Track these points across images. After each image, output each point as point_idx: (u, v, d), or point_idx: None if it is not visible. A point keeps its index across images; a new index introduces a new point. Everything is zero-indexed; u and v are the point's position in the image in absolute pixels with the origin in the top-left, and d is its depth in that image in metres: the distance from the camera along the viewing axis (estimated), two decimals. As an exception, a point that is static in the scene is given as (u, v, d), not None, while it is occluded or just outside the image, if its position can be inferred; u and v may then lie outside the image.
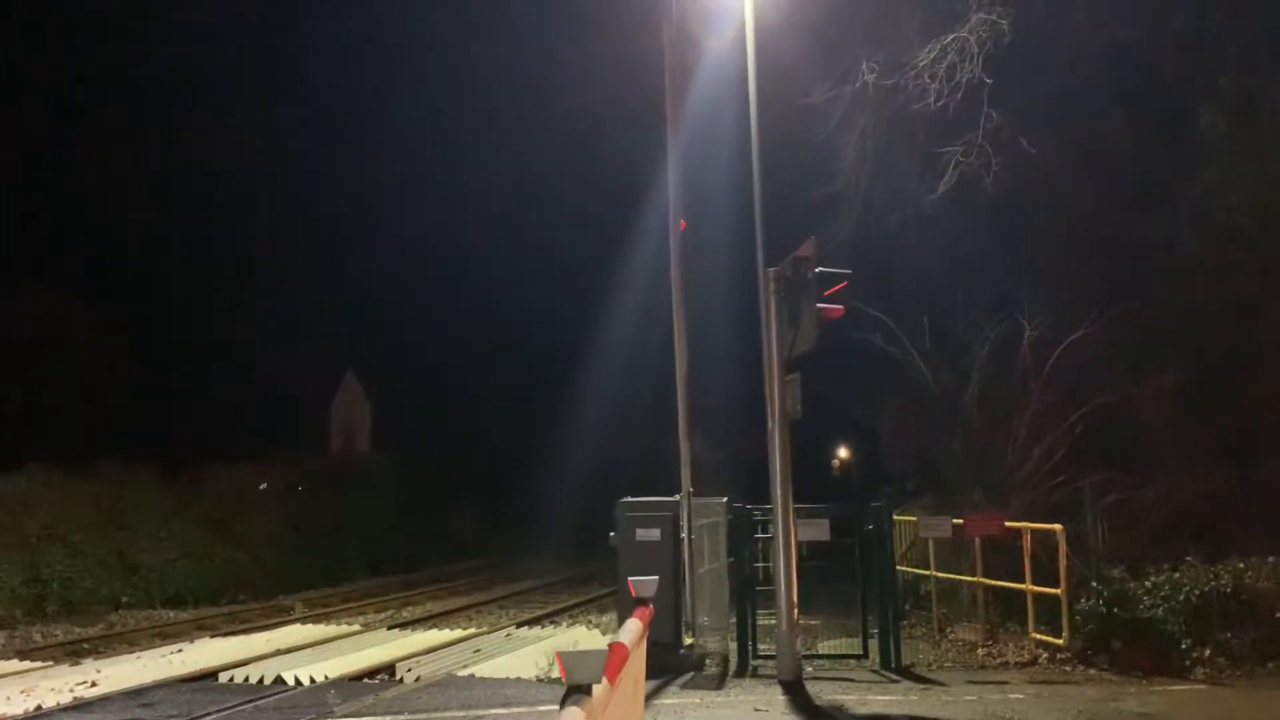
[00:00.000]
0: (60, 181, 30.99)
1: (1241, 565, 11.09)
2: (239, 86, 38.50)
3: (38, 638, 15.68)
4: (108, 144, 32.74)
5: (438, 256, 44.81)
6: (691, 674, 10.71)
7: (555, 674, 10.22)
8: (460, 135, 52.94)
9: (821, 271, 10.50)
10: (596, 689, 2.57)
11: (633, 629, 3.78)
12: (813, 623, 12.99)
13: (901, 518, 14.47)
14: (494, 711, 8.93)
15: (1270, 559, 11.21)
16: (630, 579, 4.70)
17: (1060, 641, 11.07)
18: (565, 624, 16.79)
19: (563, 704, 2.44)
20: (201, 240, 35.90)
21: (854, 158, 16.17)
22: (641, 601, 4.34)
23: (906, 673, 10.81)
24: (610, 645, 3.30)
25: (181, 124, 35.04)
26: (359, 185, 42.24)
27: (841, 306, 10.63)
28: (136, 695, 10.32)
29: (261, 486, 26.09)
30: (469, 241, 46.04)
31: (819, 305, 10.43)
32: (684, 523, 11.16)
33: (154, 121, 34.53)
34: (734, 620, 11.68)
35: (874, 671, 10.92)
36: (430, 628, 16.26)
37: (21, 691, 10.48)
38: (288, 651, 13.20)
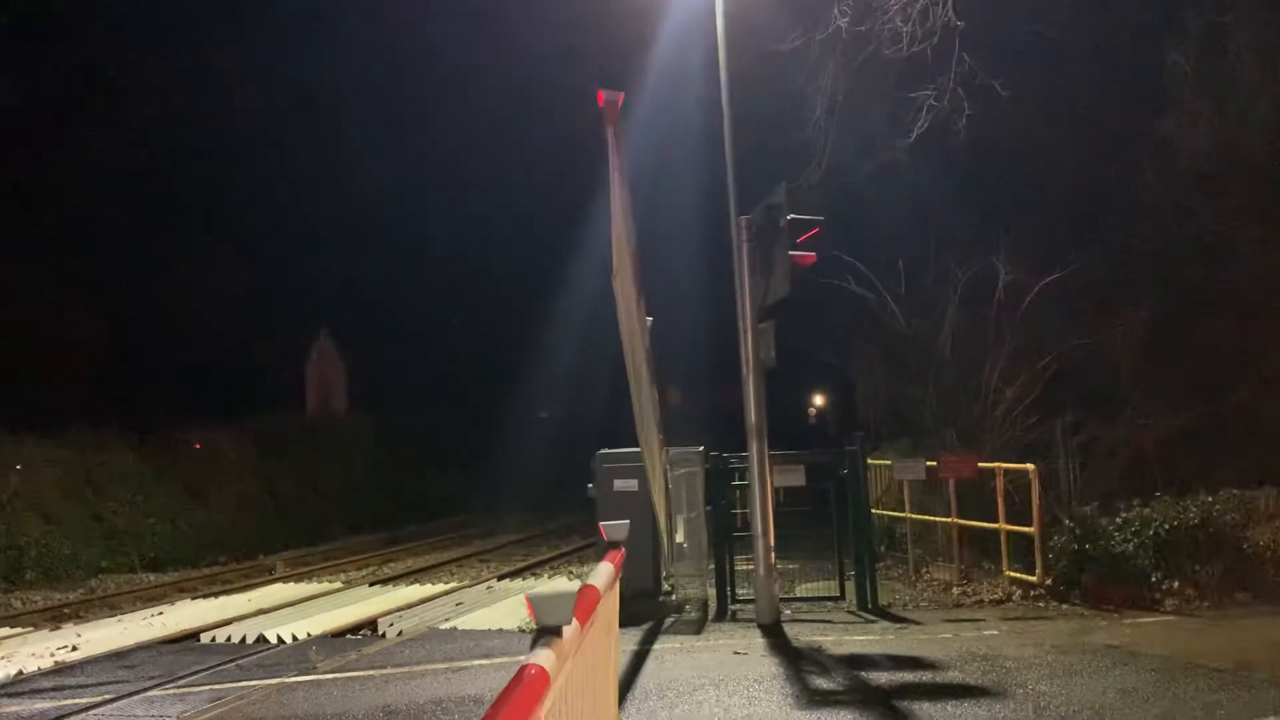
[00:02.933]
0: (23, 143, 30.28)
1: (1210, 499, 11.29)
2: (200, 50, 37.74)
3: (16, 604, 15.64)
4: (71, 107, 31.98)
5: (405, 216, 44.44)
6: (671, 620, 10.84)
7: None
8: (424, 86, 52.14)
9: (794, 218, 10.43)
10: (567, 630, 2.58)
11: (605, 572, 3.80)
12: (790, 567, 13.12)
13: (876, 462, 14.61)
14: (477, 663, 9.00)
15: (1237, 491, 11.43)
16: (601, 523, 4.72)
17: (1034, 579, 11.26)
18: (546, 575, 16.92)
19: (533, 645, 2.45)
20: (169, 201, 35.21)
21: (826, 104, 16.06)
22: (614, 545, 4.37)
23: (883, 613, 10.97)
24: (581, 587, 3.31)
25: (145, 86, 34.22)
26: (326, 144, 41.62)
27: (814, 253, 10.58)
28: (118, 657, 10.33)
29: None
30: (436, 200, 45.63)
31: (792, 252, 10.39)
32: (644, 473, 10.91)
33: (117, 84, 33.70)
34: (712, 567, 11.80)
35: (851, 613, 11.08)
36: (412, 583, 16.33)
37: (1, 658, 10.47)
38: (269, 611, 13.22)
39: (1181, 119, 14.13)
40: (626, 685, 7.60)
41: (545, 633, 2.50)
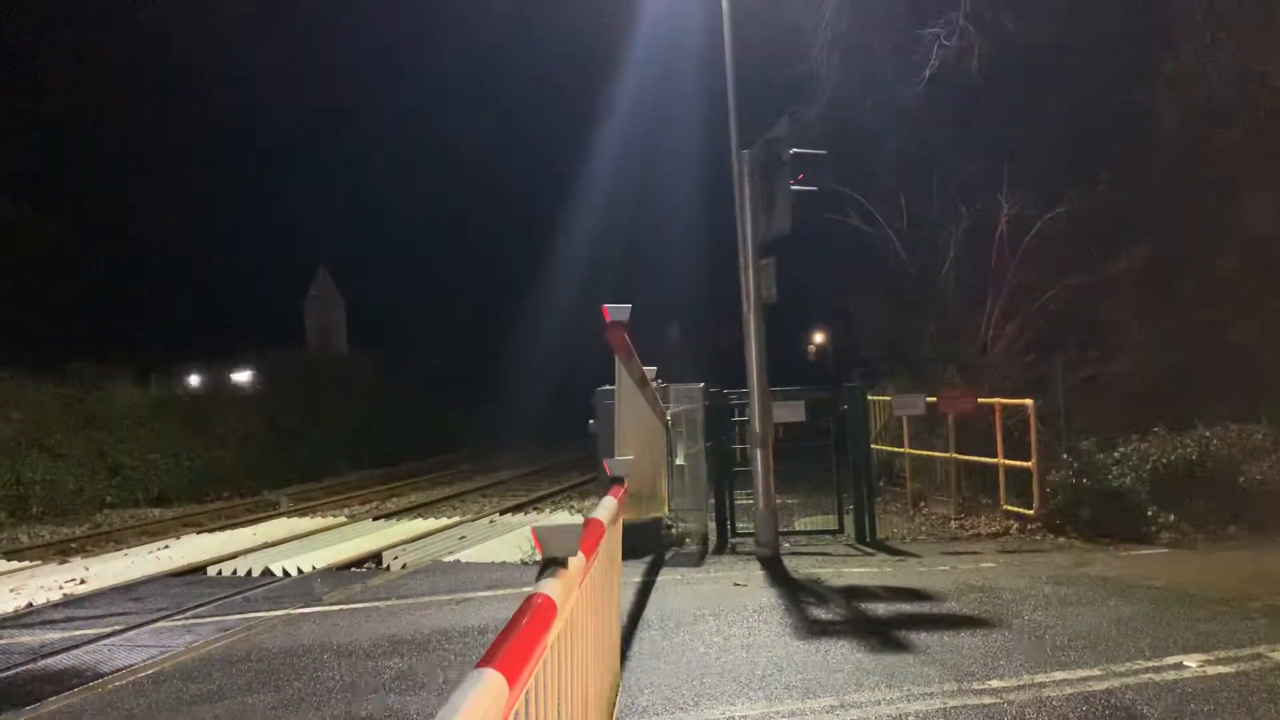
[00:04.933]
0: (21, 83, 29.88)
1: (1207, 434, 11.37)
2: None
3: (24, 539, 15.80)
4: (71, 46, 31.49)
5: (405, 155, 44.02)
6: (672, 553, 10.96)
7: (540, 557, 10.39)
8: (424, 19, 51.21)
9: (796, 152, 10.31)
10: (573, 561, 2.60)
11: (608, 506, 3.82)
12: (790, 501, 13.26)
13: (876, 398, 14.65)
14: (480, 594, 9.12)
15: (1235, 427, 11.49)
16: (605, 459, 4.75)
17: (1031, 513, 11.37)
18: (548, 510, 17.08)
19: (539, 576, 2.47)
20: (169, 139, 34.93)
21: (829, 36, 15.79)
22: (617, 480, 4.39)
23: (881, 546, 11.10)
24: (586, 520, 3.34)
25: (147, 24, 33.66)
26: (326, 81, 41.04)
27: (816, 188, 10.48)
28: (126, 590, 10.48)
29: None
30: (437, 139, 45.11)
31: (794, 187, 10.29)
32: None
33: (117, 22, 33.09)
34: (712, 501, 11.90)
35: (850, 546, 11.21)
36: (415, 517, 16.50)
37: (11, 590, 10.60)
38: (274, 545, 13.37)
39: (1193, 51, 13.88)
40: (628, 616, 7.71)
41: (552, 563, 2.52)
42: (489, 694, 1.63)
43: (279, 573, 11.19)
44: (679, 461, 12.10)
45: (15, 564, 12.88)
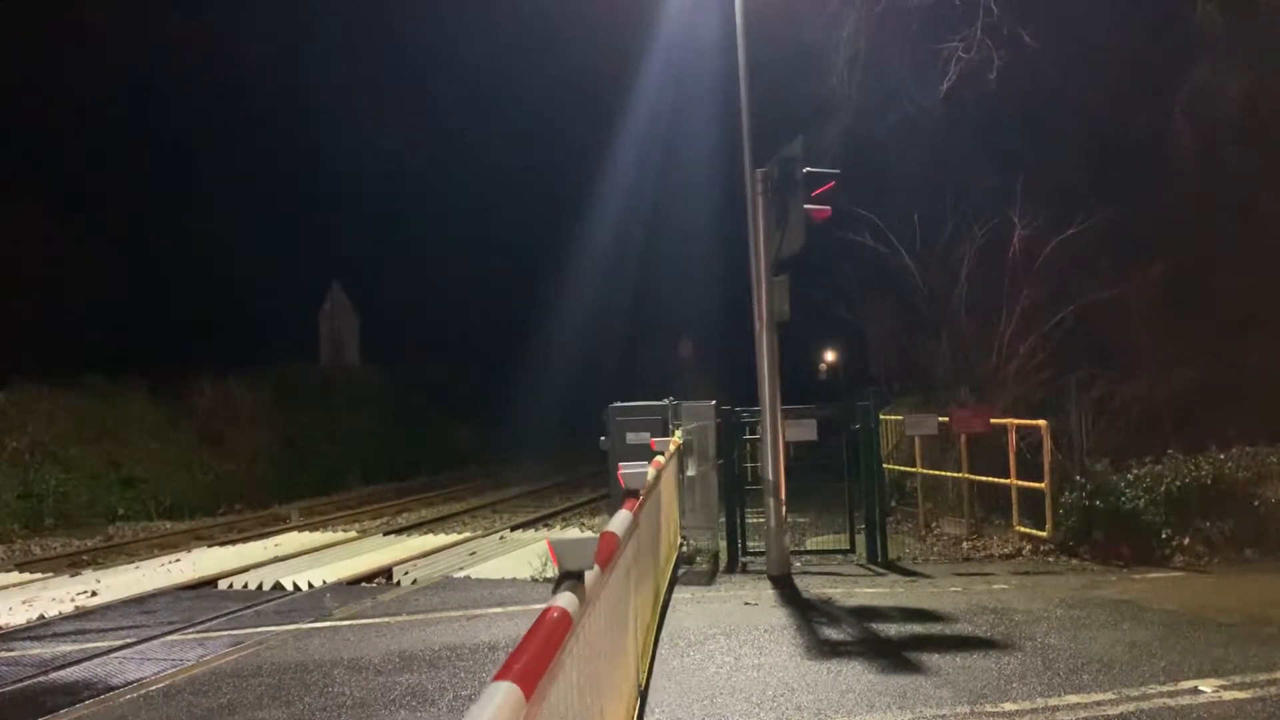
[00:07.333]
0: (36, 91, 30.09)
1: (1222, 456, 11.29)
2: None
3: (36, 550, 15.85)
4: (84, 53, 31.72)
5: (416, 167, 44.21)
6: (682, 571, 10.93)
7: (550, 574, 10.39)
8: (433, 35, 51.61)
9: (810, 171, 10.35)
10: (589, 575, 2.60)
11: (623, 520, 3.82)
12: (801, 520, 13.21)
13: (888, 417, 14.60)
14: (490, 611, 9.12)
15: (1249, 448, 11.42)
16: (620, 470, 4.75)
17: (1044, 534, 11.31)
18: (559, 526, 17.05)
19: (555, 590, 2.47)
20: (183, 151, 35.12)
21: (846, 55, 15.85)
22: (631, 493, 4.39)
23: (893, 566, 11.05)
24: (601, 534, 3.34)
25: (159, 35, 33.89)
26: (341, 94, 41.31)
27: (829, 207, 10.50)
28: (137, 603, 10.50)
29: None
30: (448, 151, 45.36)
31: (807, 206, 10.32)
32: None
33: (130, 31, 33.35)
34: (723, 520, 11.87)
35: (861, 565, 11.16)
36: (425, 533, 16.49)
37: (23, 602, 10.63)
38: (285, 558, 13.39)
39: (1211, 69, 13.88)
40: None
41: (568, 576, 2.52)
42: (508, 707, 1.63)
43: (290, 587, 11.20)
44: (689, 473, 12.08)
45: (27, 575, 12.92)
